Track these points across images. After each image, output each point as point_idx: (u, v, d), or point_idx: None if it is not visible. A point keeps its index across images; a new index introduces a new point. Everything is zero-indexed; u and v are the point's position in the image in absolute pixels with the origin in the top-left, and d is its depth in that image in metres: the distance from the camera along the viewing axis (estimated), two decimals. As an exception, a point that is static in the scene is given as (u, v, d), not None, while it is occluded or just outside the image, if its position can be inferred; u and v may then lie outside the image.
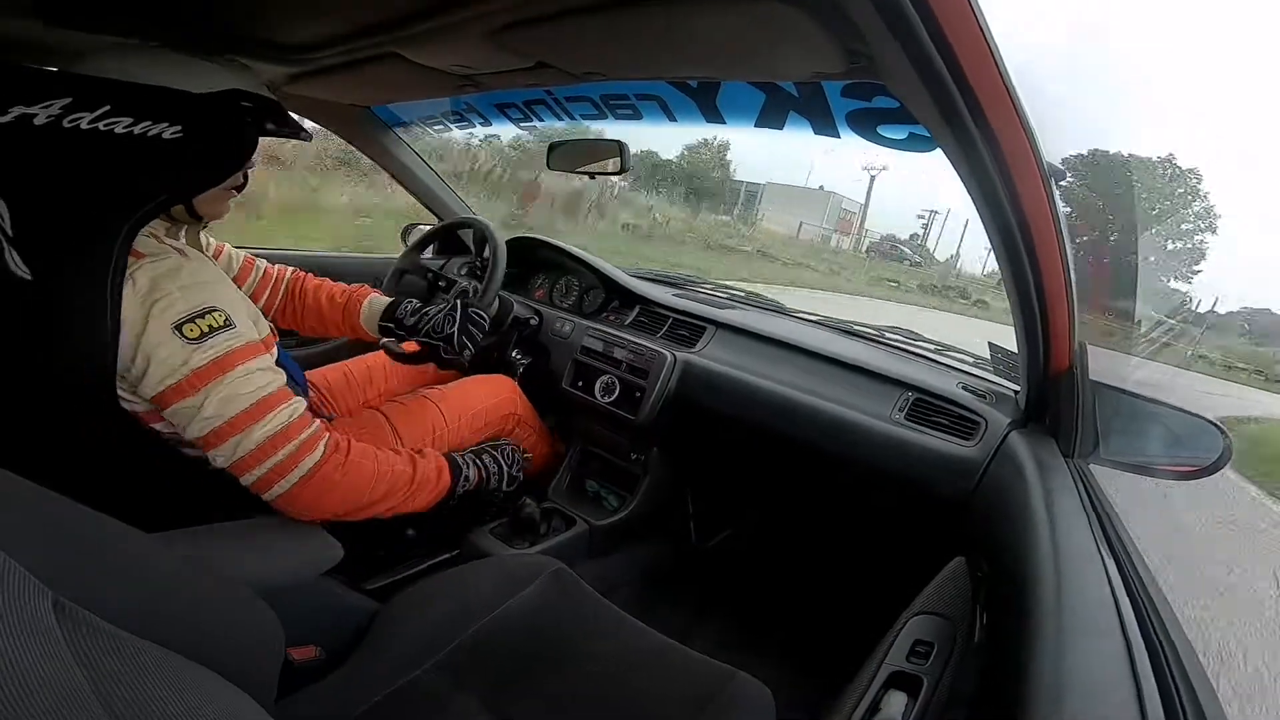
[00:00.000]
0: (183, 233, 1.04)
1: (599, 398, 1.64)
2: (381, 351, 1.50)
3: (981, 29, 0.58)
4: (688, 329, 1.70)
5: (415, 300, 1.43)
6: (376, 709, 0.81)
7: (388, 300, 1.45)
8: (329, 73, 1.25)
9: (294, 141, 1.09)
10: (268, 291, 1.40)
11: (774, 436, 1.46)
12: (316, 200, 8.13)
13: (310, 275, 1.48)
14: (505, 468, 1.30)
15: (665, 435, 1.63)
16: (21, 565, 0.38)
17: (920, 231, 33.82)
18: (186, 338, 0.88)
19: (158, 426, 0.97)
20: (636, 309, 1.81)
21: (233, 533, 0.92)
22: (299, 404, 0.97)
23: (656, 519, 1.73)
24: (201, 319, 0.90)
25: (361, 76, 1.27)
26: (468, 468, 1.20)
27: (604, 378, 1.65)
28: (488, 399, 1.55)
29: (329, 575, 0.99)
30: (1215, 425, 1.05)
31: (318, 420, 0.99)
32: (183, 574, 0.63)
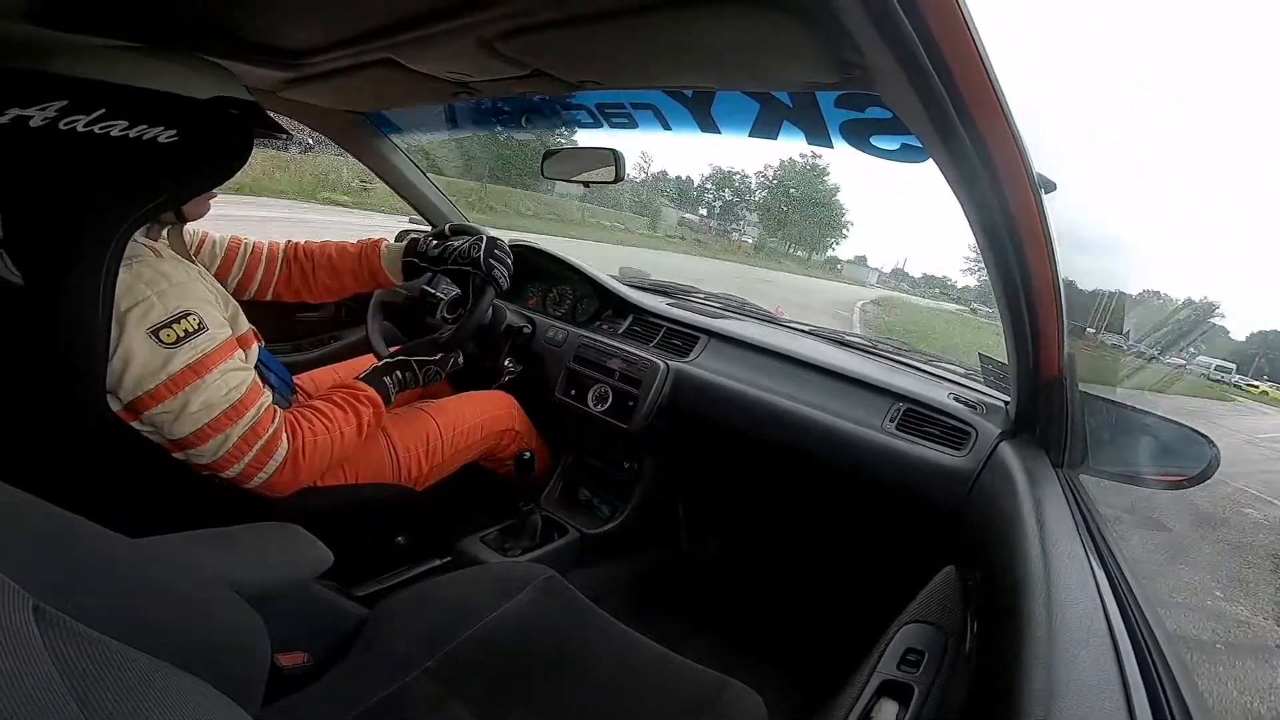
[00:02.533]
0: (164, 232, 1.04)
1: (592, 406, 1.64)
2: (371, 356, 1.49)
3: (975, 42, 0.59)
4: (681, 338, 1.71)
5: (433, 238, 1.44)
6: (365, 715, 0.80)
7: (404, 243, 1.45)
8: (325, 78, 1.25)
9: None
10: (262, 266, 1.38)
11: (766, 446, 1.46)
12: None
13: (309, 241, 1.47)
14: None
15: (658, 444, 1.63)
16: (1, 570, 0.38)
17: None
18: (163, 343, 0.91)
19: (140, 427, 0.97)
20: (630, 318, 1.81)
21: (220, 538, 0.91)
22: (266, 398, 1.04)
23: (649, 527, 1.73)
24: (177, 324, 0.92)
25: (357, 82, 1.27)
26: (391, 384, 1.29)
27: (597, 386, 1.65)
28: (484, 413, 1.55)
29: (318, 581, 0.98)
30: (1202, 435, 1.06)
31: (280, 413, 1.06)
32: (168, 579, 0.62)
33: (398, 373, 1.30)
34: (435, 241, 1.42)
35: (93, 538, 0.56)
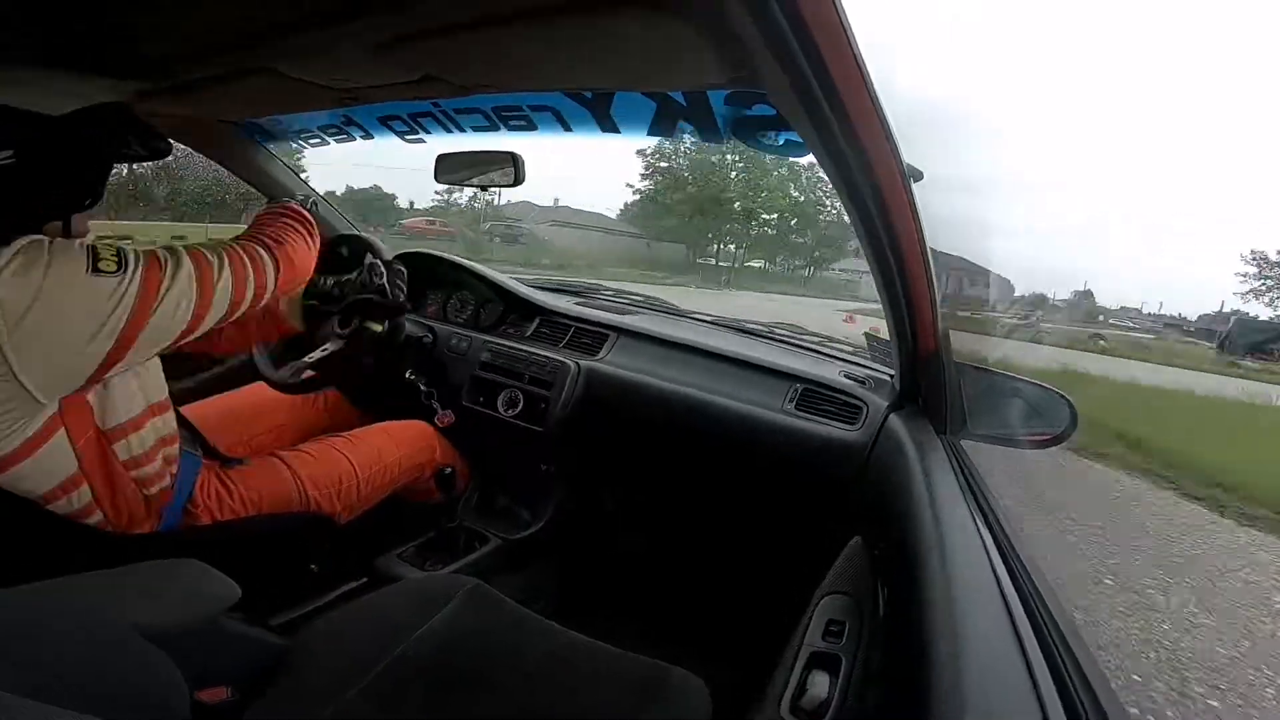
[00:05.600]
0: None
1: (503, 411, 1.62)
2: (259, 386, 1.41)
3: (852, 47, 0.64)
4: (590, 336, 1.72)
5: (327, 276, 1.37)
6: None
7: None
8: (194, 88, 1.17)
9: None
10: None
11: (679, 435, 1.51)
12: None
13: None
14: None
15: (574, 443, 1.64)
16: None
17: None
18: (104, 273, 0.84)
19: (12, 477, 0.88)
20: (537, 320, 1.80)
21: (111, 579, 0.84)
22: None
23: (570, 527, 1.73)
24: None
25: (232, 91, 1.20)
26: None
27: (507, 391, 1.63)
28: (401, 448, 1.49)
29: (228, 615, 0.93)
30: (1062, 396, 1.18)
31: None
32: (63, 624, 0.58)
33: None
34: (329, 281, 1.36)
35: None
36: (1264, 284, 23.38)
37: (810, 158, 1.01)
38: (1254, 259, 23.74)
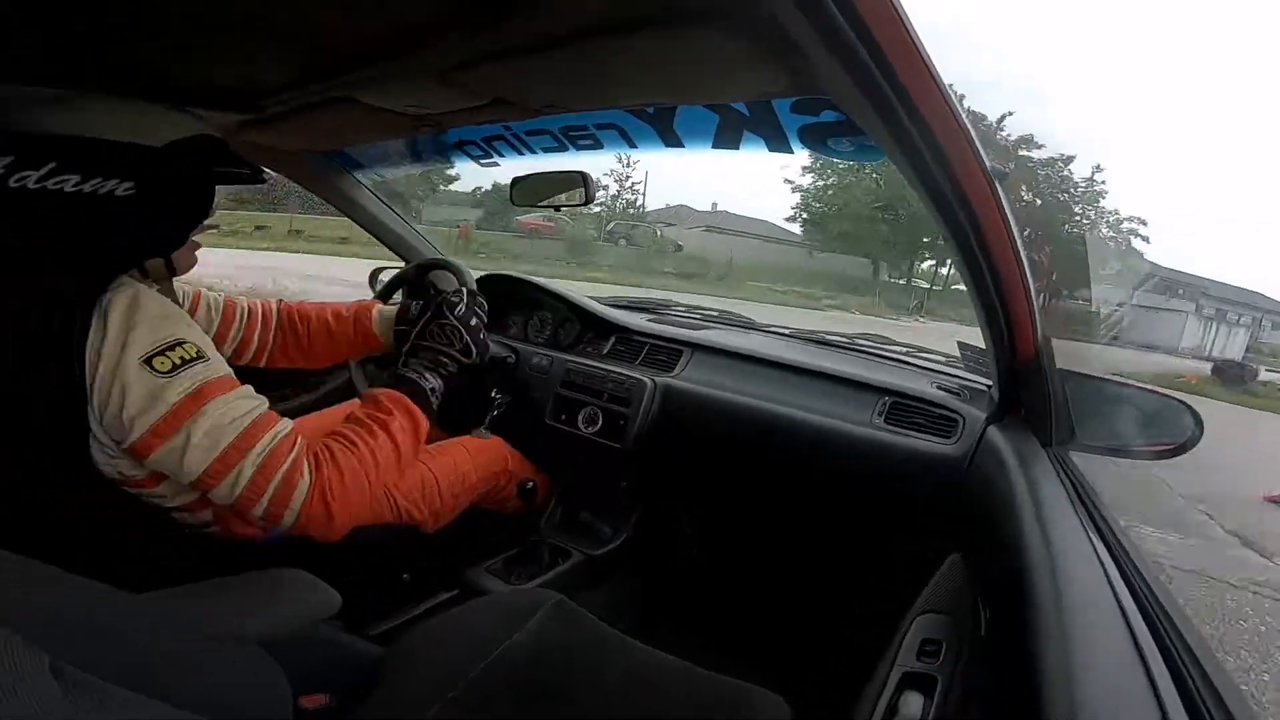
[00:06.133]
0: (154, 288, 1.01)
1: (583, 429, 1.64)
2: (357, 401, 1.47)
3: (915, 43, 0.61)
4: (665, 353, 1.71)
5: (421, 301, 1.39)
6: None
7: (395, 307, 1.42)
8: (281, 119, 1.24)
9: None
10: (259, 329, 1.34)
11: (760, 451, 1.47)
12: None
13: (303, 303, 1.43)
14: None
15: (653, 460, 1.63)
16: (18, 631, 0.38)
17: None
18: (157, 371, 0.83)
19: (140, 493, 0.94)
20: (612, 338, 1.82)
21: (224, 588, 0.90)
22: (283, 426, 0.94)
23: (652, 543, 1.72)
24: (171, 351, 0.85)
25: (316, 122, 1.26)
26: (427, 380, 1.14)
27: (586, 409, 1.65)
28: (476, 458, 1.53)
29: (328, 623, 0.97)
30: (1184, 404, 1.08)
31: (300, 442, 0.94)
32: (180, 631, 0.62)
33: (420, 358, 1.17)
34: (420, 306, 1.38)
35: (104, 598, 0.56)
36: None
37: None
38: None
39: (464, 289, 1.31)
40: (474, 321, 1.26)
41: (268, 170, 1.49)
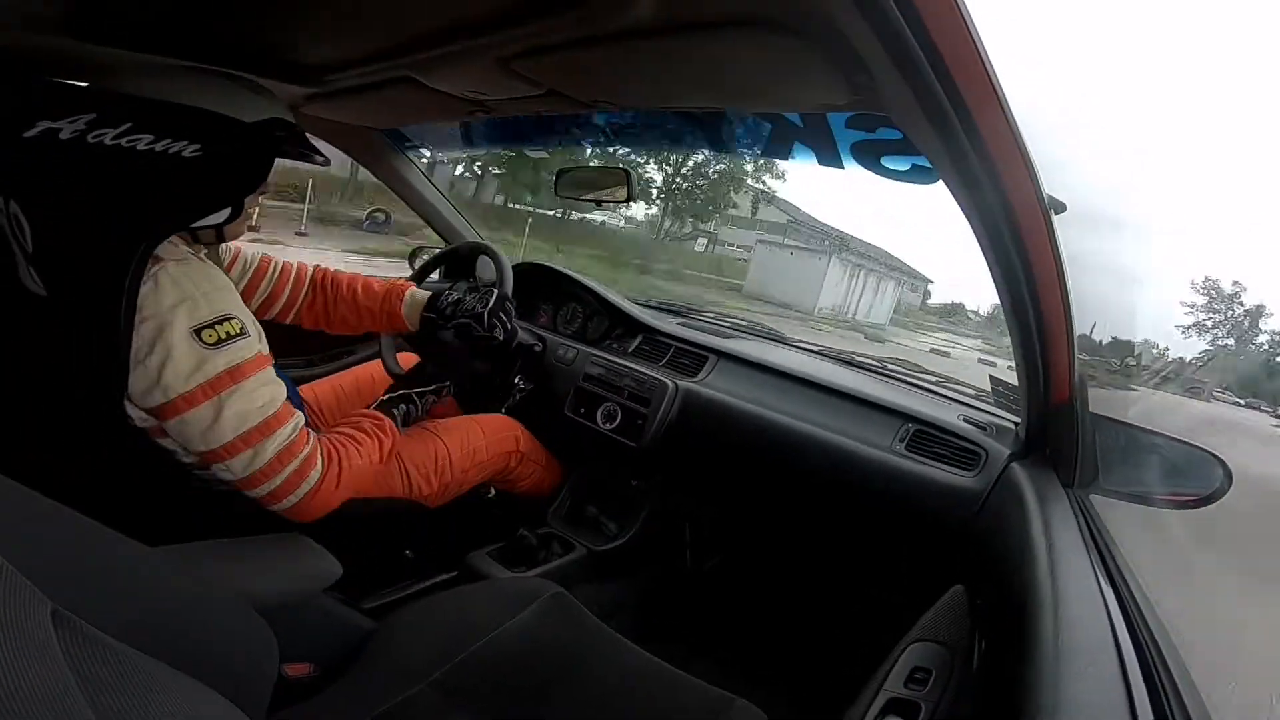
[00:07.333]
0: (202, 251, 1.04)
1: (601, 424, 1.64)
2: (370, 365, 1.49)
3: (985, 66, 0.60)
4: (690, 358, 1.71)
5: (455, 292, 1.43)
6: None
7: (429, 293, 1.44)
8: (345, 95, 1.27)
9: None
10: (289, 287, 1.38)
11: (775, 465, 1.46)
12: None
13: (339, 271, 1.46)
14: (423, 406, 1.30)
15: (666, 462, 1.63)
16: (22, 573, 0.38)
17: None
18: (204, 343, 0.88)
19: (163, 442, 0.97)
20: (640, 337, 1.82)
21: (232, 549, 0.92)
22: (299, 419, 1.00)
23: (656, 545, 1.72)
24: (220, 325, 0.90)
25: (376, 99, 1.29)
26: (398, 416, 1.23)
27: (606, 405, 1.65)
28: (489, 435, 1.54)
29: (327, 593, 0.98)
30: (1214, 455, 1.06)
31: (313, 435, 1.01)
32: (183, 588, 0.63)
33: (403, 405, 1.26)
34: (452, 298, 1.43)
35: (112, 545, 0.57)
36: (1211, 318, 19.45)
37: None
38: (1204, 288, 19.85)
39: (491, 301, 1.39)
40: (501, 316, 1.37)
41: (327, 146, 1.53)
